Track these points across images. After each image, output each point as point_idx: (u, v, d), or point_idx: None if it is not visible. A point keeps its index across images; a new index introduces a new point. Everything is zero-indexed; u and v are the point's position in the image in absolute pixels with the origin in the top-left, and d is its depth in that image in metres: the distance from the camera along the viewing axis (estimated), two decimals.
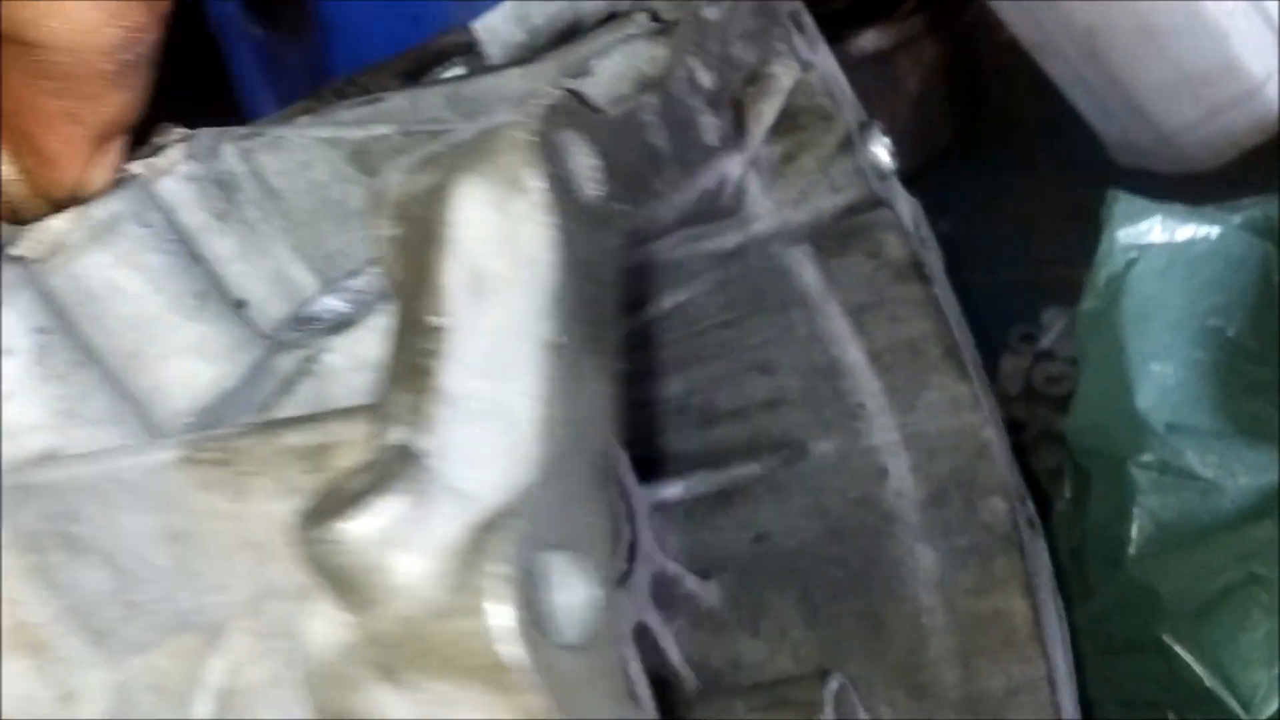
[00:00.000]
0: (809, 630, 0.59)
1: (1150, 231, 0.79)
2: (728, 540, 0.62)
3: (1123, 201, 0.80)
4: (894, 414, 0.60)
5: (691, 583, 0.62)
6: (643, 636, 0.57)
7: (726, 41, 0.50)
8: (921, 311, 0.59)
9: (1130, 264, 0.78)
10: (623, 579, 0.56)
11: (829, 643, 0.59)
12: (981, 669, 0.56)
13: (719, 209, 0.55)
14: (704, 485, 0.63)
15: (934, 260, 0.61)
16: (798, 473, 0.61)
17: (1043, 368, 0.97)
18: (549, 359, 0.29)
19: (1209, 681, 0.65)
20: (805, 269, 0.60)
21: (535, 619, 0.25)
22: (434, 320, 0.30)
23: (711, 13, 0.49)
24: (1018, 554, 0.57)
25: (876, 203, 0.58)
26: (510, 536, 0.26)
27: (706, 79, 0.48)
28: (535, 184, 0.32)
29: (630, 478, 0.59)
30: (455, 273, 0.30)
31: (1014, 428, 0.94)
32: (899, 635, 0.58)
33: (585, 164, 0.33)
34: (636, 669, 0.49)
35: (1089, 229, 0.85)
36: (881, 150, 0.58)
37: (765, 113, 0.53)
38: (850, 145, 0.57)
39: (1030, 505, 0.60)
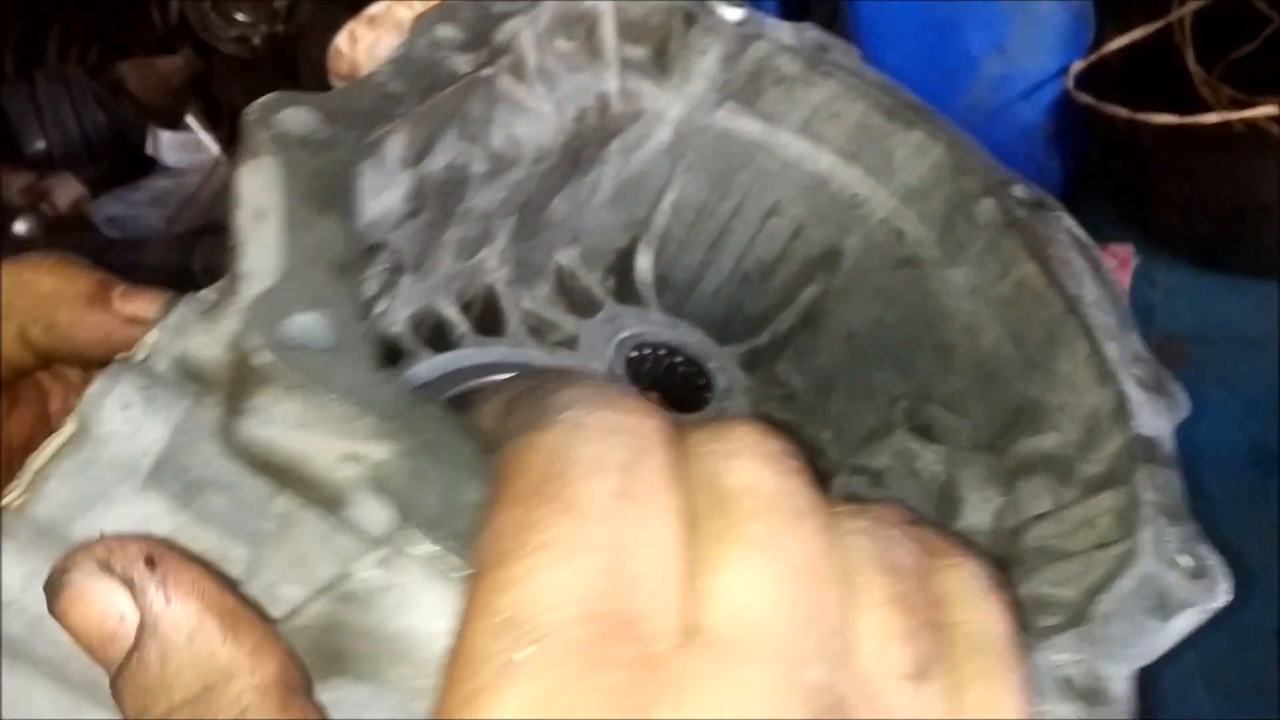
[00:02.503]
0: (907, 384, 0.67)
1: None
2: (832, 351, 0.71)
3: None
4: (881, 186, 0.68)
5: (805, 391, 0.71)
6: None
7: None
8: (848, 95, 0.67)
9: None
10: (702, 405, 0.67)
11: (921, 387, 0.67)
12: (1025, 333, 0.62)
13: (621, 116, 0.65)
14: (787, 322, 0.72)
15: (839, 55, 0.68)
16: (845, 272, 0.70)
17: None
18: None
19: None
20: (742, 122, 0.68)
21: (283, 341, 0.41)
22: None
23: None
24: (1016, 231, 0.63)
25: (746, 44, 0.66)
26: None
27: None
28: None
29: (707, 343, 0.70)
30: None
31: None
32: (962, 346, 0.65)
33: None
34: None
35: None
36: (723, 6, 0.66)
37: (608, 33, 0.64)
38: (693, 18, 0.65)
39: (1022, 188, 0.65)
